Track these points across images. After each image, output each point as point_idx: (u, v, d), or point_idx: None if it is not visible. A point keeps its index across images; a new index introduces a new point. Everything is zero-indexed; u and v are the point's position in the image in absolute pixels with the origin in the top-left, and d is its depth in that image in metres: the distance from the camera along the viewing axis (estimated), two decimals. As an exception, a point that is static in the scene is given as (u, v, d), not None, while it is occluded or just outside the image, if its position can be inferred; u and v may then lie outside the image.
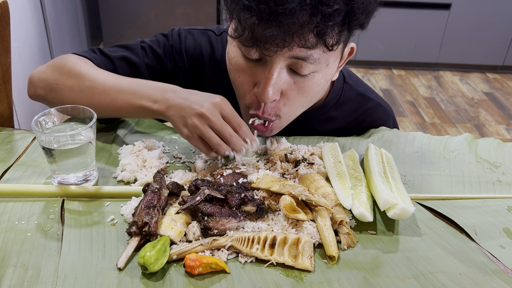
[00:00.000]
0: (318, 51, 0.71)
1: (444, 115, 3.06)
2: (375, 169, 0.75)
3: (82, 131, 0.69)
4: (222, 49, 0.96)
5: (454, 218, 0.71)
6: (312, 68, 0.73)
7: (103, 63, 0.91)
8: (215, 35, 0.97)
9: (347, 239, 0.64)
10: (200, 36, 0.97)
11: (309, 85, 0.76)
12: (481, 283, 0.60)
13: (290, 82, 0.75)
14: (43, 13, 2.54)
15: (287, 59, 0.72)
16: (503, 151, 0.91)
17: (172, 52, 0.95)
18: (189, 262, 0.57)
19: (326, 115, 0.97)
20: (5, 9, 0.88)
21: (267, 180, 0.72)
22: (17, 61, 2.16)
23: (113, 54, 0.92)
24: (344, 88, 0.97)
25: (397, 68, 3.72)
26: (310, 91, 0.77)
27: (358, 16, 0.68)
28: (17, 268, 0.57)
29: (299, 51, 0.70)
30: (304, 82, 0.75)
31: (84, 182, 0.73)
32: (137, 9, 3.28)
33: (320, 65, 0.73)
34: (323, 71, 0.75)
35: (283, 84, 0.74)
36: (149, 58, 0.93)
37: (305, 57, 0.71)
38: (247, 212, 0.66)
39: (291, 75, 0.74)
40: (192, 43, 0.96)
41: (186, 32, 0.97)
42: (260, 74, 0.74)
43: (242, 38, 0.71)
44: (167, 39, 0.96)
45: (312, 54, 0.71)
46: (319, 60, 0.72)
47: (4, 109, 0.95)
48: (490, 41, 3.54)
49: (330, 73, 0.78)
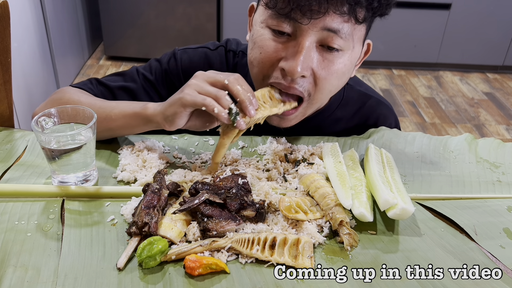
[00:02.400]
0: (348, 24, 0.73)
1: (444, 115, 3.06)
2: (375, 169, 0.75)
3: (82, 131, 0.69)
4: (220, 63, 0.98)
5: (454, 218, 0.71)
6: (341, 43, 0.74)
7: (101, 93, 0.93)
8: (211, 51, 0.99)
9: (348, 239, 0.64)
10: (196, 54, 0.98)
11: (337, 62, 0.77)
12: (481, 283, 0.60)
13: (319, 60, 0.76)
14: (43, 13, 2.54)
15: (318, 31, 0.73)
16: (503, 151, 0.91)
17: (165, 77, 0.97)
18: (189, 263, 0.57)
19: (332, 116, 0.97)
20: (5, 9, 0.88)
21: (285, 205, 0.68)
22: (17, 61, 2.16)
23: (112, 84, 0.95)
24: (346, 88, 0.97)
25: (397, 68, 3.72)
26: (338, 70, 0.77)
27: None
28: (17, 268, 0.57)
29: (331, 21, 0.71)
30: (333, 59, 0.76)
31: (84, 182, 0.73)
32: (137, 9, 3.27)
33: (348, 43, 0.75)
34: (349, 53, 0.77)
35: (312, 60, 0.75)
36: (145, 84, 0.96)
37: (337, 29, 0.72)
38: (247, 216, 0.66)
39: (320, 52, 0.75)
40: (188, 62, 0.97)
41: (181, 52, 0.98)
42: (289, 49, 0.75)
43: (277, 7, 0.72)
44: (160, 65, 0.98)
45: (344, 27, 0.73)
46: (348, 37, 0.74)
47: (4, 109, 0.95)
48: (490, 41, 3.54)
49: (354, 58, 0.79)
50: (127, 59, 3.49)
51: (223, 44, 1.00)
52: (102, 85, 0.94)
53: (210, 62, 0.98)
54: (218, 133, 0.92)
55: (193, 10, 3.27)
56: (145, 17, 3.31)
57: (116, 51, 3.47)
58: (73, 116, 0.73)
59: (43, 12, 2.53)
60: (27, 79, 2.29)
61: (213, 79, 0.72)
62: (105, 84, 0.94)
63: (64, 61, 2.88)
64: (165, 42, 3.38)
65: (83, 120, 0.73)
